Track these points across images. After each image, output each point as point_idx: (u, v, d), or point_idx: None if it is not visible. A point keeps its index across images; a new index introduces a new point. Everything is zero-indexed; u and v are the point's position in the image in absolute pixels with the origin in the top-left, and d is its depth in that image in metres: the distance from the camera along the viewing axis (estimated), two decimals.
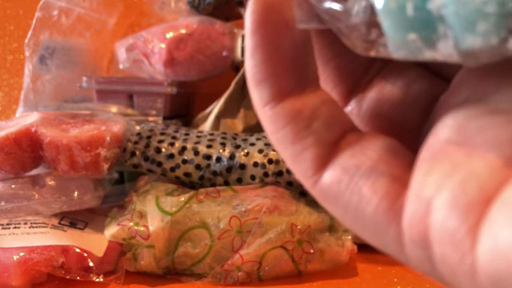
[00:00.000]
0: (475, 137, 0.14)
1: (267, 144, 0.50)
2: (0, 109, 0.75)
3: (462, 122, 0.14)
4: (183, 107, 0.69)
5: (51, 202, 0.45)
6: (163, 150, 0.50)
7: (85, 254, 0.42)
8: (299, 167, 0.16)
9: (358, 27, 0.15)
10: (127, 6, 0.73)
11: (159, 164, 0.50)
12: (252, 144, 0.50)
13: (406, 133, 0.18)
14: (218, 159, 0.49)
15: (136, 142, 0.50)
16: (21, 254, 0.40)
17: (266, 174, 0.48)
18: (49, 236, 0.42)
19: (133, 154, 0.50)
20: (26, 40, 0.62)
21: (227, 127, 0.62)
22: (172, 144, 0.50)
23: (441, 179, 0.14)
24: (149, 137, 0.51)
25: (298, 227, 0.44)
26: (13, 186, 0.44)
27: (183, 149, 0.50)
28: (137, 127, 0.52)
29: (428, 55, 0.14)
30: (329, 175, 0.16)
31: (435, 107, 0.17)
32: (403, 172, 0.15)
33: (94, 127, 0.47)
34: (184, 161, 0.49)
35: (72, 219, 0.47)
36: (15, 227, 0.43)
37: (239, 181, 0.49)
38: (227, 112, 0.62)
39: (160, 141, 0.50)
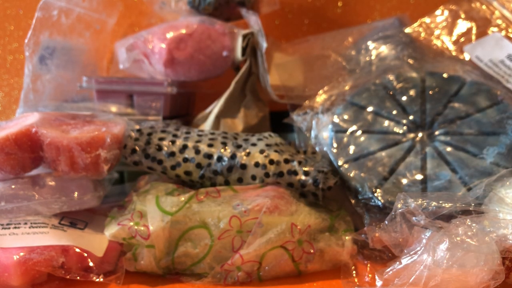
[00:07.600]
0: None
1: (269, 145, 0.50)
2: (0, 109, 0.75)
3: None
4: (183, 107, 0.69)
5: (51, 202, 0.45)
6: (165, 148, 0.50)
7: (85, 254, 0.42)
8: None
9: None
10: (127, 6, 0.73)
11: (160, 162, 0.50)
12: (254, 145, 0.50)
13: None
14: (219, 159, 0.49)
15: (136, 139, 0.50)
16: (21, 254, 0.40)
17: (267, 175, 0.48)
18: (49, 236, 0.42)
19: (134, 151, 0.50)
20: (26, 40, 0.62)
21: (227, 127, 0.62)
22: (173, 142, 0.50)
23: None
24: (149, 134, 0.51)
25: (298, 227, 0.44)
26: (13, 186, 0.44)
27: (184, 147, 0.50)
28: (137, 127, 0.52)
29: None
30: None
31: None
32: None
33: (95, 128, 0.47)
34: (185, 160, 0.49)
35: (72, 219, 0.47)
36: (15, 227, 0.43)
37: (240, 181, 0.49)
38: (227, 112, 0.62)
39: (161, 139, 0.50)
